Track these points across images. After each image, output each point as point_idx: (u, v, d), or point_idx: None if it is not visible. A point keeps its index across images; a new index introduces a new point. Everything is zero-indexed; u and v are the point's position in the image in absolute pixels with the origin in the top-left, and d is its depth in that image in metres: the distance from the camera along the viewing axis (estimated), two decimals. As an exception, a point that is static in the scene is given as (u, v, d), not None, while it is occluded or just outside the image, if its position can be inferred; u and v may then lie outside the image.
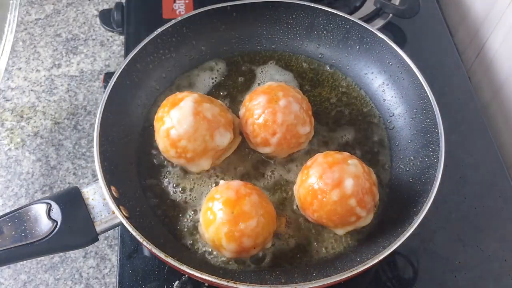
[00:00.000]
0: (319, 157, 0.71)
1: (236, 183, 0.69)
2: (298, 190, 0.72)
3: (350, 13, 1.01)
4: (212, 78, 0.88)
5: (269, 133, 0.74)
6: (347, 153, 0.72)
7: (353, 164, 0.69)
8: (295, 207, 0.75)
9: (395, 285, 0.75)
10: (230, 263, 0.70)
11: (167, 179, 0.77)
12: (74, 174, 0.93)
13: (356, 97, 0.87)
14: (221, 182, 0.71)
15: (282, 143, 0.75)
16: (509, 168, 0.88)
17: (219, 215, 0.65)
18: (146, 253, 0.76)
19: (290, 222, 0.74)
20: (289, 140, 0.75)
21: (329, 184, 0.67)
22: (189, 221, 0.74)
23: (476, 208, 0.82)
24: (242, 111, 0.79)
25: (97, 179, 0.67)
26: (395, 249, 0.63)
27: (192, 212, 0.74)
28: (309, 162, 0.72)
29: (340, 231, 0.71)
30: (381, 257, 0.62)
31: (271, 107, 0.74)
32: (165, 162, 0.78)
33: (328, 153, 0.72)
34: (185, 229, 0.73)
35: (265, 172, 0.78)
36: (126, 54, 0.99)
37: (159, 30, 0.83)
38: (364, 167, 0.70)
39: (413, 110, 0.80)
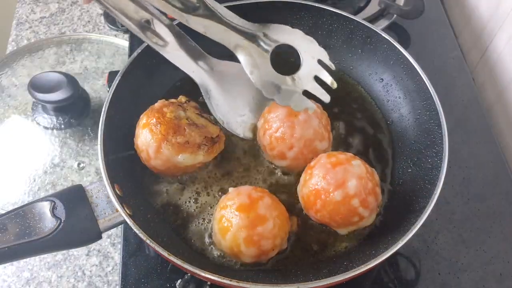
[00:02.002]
0: (322, 158, 0.72)
1: (246, 188, 0.70)
2: (302, 190, 0.72)
3: (354, 14, 1.01)
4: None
5: (286, 147, 0.74)
6: (351, 154, 0.72)
7: (357, 165, 0.69)
8: (298, 207, 0.75)
9: (397, 286, 0.75)
10: (233, 262, 0.70)
11: (170, 178, 0.77)
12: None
13: (359, 98, 0.87)
14: (230, 189, 0.71)
15: (298, 157, 0.74)
16: (512, 170, 0.88)
17: (235, 221, 0.65)
18: (149, 251, 0.76)
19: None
20: (306, 155, 0.74)
21: (332, 184, 0.68)
22: (192, 219, 0.74)
23: (479, 210, 0.82)
24: (260, 122, 0.78)
25: (101, 177, 0.68)
26: (397, 249, 0.63)
27: (196, 211, 0.75)
28: (312, 162, 0.72)
29: (343, 231, 0.71)
30: (383, 257, 0.62)
31: (290, 120, 0.74)
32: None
33: (332, 154, 0.72)
34: (189, 228, 0.73)
35: (268, 172, 0.78)
36: (130, 53, 0.99)
37: (164, 29, 0.83)
38: (367, 168, 0.70)
39: (417, 111, 0.80)
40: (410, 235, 0.63)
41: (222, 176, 0.78)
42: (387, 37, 0.83)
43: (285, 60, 0.75)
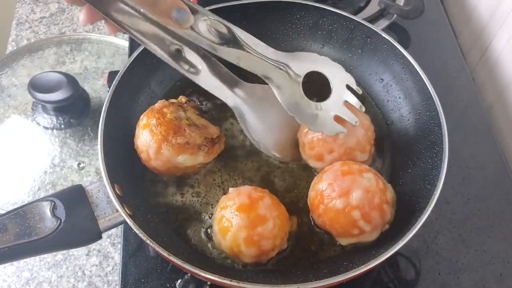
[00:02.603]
0: (336, 164, 0.72)
1: (246, 188, 0.70)
2: (310, 193, 0.72)
3: (355, 14, 1.01)
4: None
5: (326, 150, 0.74)
6: (366, 166, 0.72)
7: (367, 178, 0.68)
8: (298, 207, 0.75)
9: (397, 286, 0.75)
10: (233, 262, 0.70)
11: (170, 178, 0.77)
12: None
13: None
14: (230, 189, 0.72)
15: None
16: (512, 170, 0.88)
17: (235, 221, 0.65)
18: (149, 251, 0.76)
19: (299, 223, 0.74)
20: None
21: (336, 191, 0.67)
22: (193, 219, 0.74)
23: (479, 210, 0.82)
24: None
25: (101, 177, 0.68)
26: (397, 250, 0.63)
27: (196, 211, 0.75)
28: (326, 168, 0.72)
29: (343, 241, 0.71)
30: (383, 257, 0.62)
31: None
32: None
33: (347, 162, 0.72)
34: (189, 228, 0.73)
35: (268, 172, 0.78)
36: (130, 53, 0.99)
37: (164, 29, 0.83)
38: (379, 182, 0.69)
39: (417, 111, 0.80)
40: (410, 235, 0.63)
41: (222, 176, 0.78)
42: (387, 37, 0.83)
43: (314, 85, 0.75)
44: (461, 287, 0.75)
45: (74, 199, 0.66)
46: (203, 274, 0.60)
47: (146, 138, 0.72)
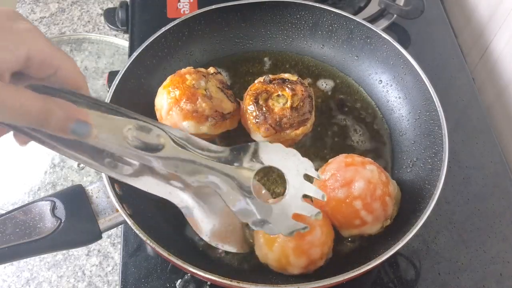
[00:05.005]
0: (340, 157, 0.72)
1: None
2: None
3: (355, 14, 1.01)
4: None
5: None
6: (370, 159, 0.72)
7: (370, 169, 0.69)
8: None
9: (397, 286, 0.75)
10: (233, 262, 0.70)
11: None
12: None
13: (359, 98, 0.87)
14: (263, 191, 0.71)
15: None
16: (512, 170, 0.88)
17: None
18: (149, 251, 0.76)
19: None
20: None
21: (339, 181, 0.68)
22: (192, 220, 0.74)
23: (479, 210, 0.82)
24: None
25: (101, 177, 0.67)
26: (397, 250, 0.63)
27: (195, 211, 0.75)
28: (330, 160, 0.73)
29: (345, 233, 0.71)
30: (383, 258, 0.62)
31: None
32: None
33: (350, 155, 0.72)
34: (189, 228, 0.73)
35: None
36: (130, 53, 0.99)
37: (164, 29, 0.83)
38: (382, 175, 0.69)
39: (417, 111, 0.80)
40: (410, 235, 0.63)
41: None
42: (387, 37, 0.83)
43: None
44: (461, 287, 0.75)
45: (74, 199, 0.66)
46: (203, 274, 0.60)
47: (163, 98, 0.75)
